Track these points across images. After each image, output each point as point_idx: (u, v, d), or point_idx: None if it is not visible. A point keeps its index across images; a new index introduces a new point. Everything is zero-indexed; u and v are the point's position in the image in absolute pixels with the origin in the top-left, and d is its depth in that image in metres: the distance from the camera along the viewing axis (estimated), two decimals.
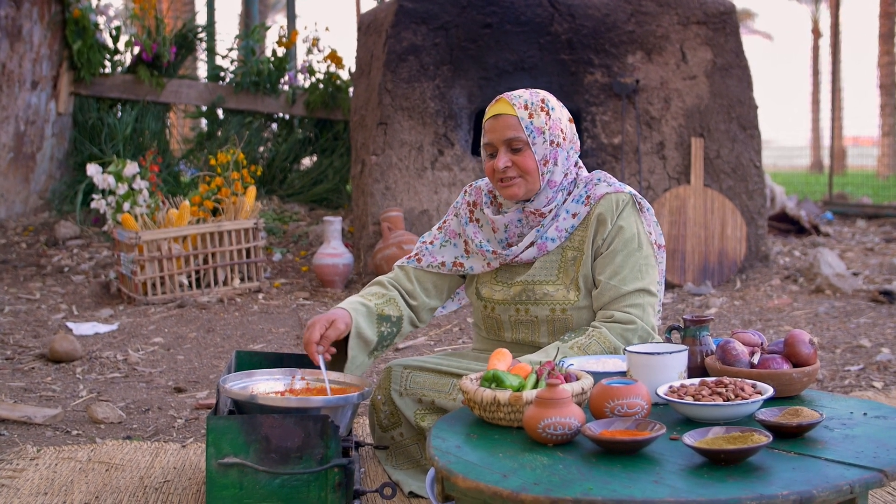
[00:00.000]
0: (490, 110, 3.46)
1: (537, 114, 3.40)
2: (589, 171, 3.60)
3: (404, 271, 3.70)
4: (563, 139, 3.46)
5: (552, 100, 3.48)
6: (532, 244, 3.48)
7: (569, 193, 3.51)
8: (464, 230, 3.65)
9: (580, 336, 3.35)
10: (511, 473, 2.34)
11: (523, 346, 3.54)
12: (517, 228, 3.52)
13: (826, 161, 15.70)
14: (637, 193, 3.52)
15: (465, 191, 3.73)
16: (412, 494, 3.50)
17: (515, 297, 3.50)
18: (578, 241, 3.47)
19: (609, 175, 3.56)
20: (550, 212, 3.47)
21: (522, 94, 3.44)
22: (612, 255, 3.42)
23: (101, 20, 10.20)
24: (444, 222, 3.74)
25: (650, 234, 3.51)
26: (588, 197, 3.48)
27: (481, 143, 3.51)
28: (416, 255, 3.72)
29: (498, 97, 3.47)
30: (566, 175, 3.50)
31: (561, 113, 3.48)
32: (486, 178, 3.66)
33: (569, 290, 3.45)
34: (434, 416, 3.50)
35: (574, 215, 3.47)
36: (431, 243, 3.71)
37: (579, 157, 3.58)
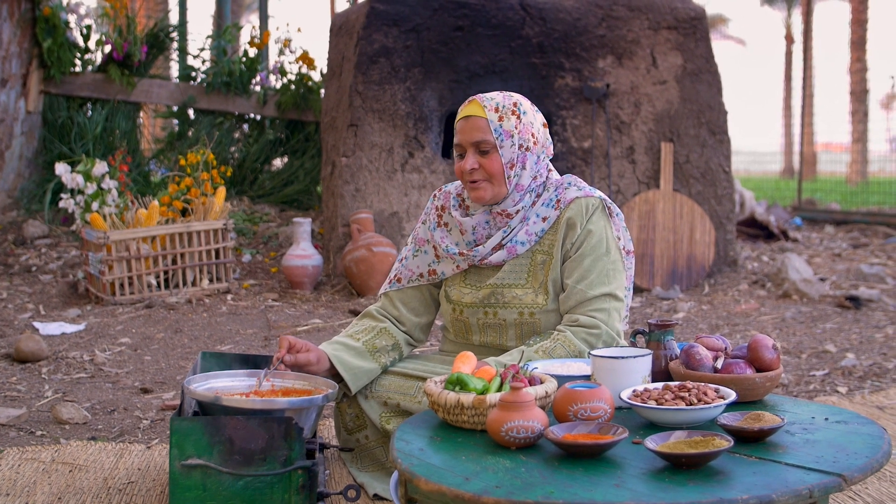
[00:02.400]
0: (462, 111, 3.48)
1: (507, 117, 3.41)
2: (560, 175, 3.61)
3: (388, 298, 3.72)
4: (534, 143, 3.47)
5: (525, 103, 3.49)
6: (500, 245, 3.49)
7: (538, 196, 3.52)
8: (432, 236, 3.65)
9: (545, 340, 3.36)
10: (473, 476, 2.35)
11: (491, 349, 3.55)
12: (484, 230, 3.53)
13: (797, 167, 15.77)
14: (607, 198, 3.54)
15: (434, 195, 3.74)
16: (377, 497, 3.50)
17: (484, 300, 3.50)
18: (548, 245, 3.48)
19: (579, 179, 3.57)
20: (517, 213, 3.48)
21: (495, 97, 3.45)
22: (580, 258, 3.42)
23: (71, 18, 10.14)
24: (415, 232, 3.76)
25: (619, 238, 3.52)
26: (558, 201, 3.49)
27: (453, 144, 3.52)
28: (396, 276, 3.73)
29: (471, 98, 3.49)
30: (535, 178, 3.50)
31: (533, 117, 3.49)
32: (456, 182, 3.69)
33: (537, 294, 3.46)
34: (399, 418, 3.50)
35: (544, 219, 3.48)
36: (405, 258, 3.73)
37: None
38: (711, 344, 3.09)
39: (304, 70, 10.32)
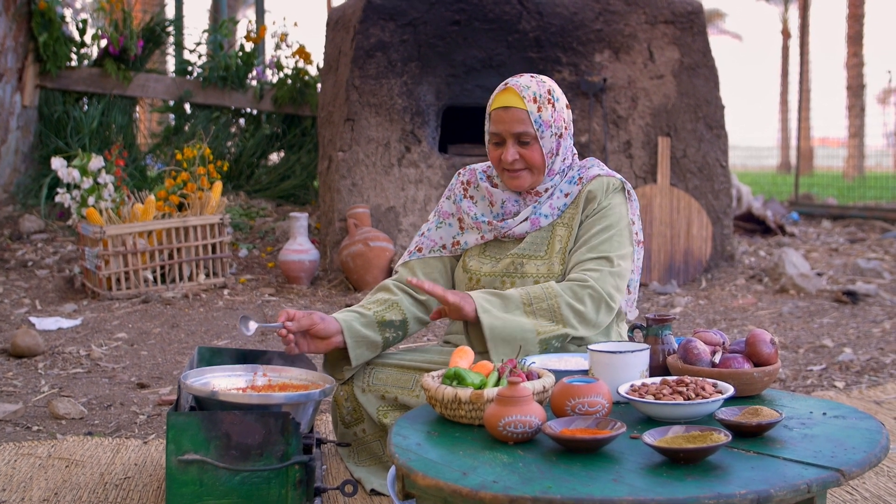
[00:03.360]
0: (498, 100, 3.47)
1: (545, 107, 3.45)
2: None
3: (408, 268, 3.70)
4: (565, 129, 3.54)
5: (556, 88, 3.53)
6: (526, 219, 3.52)
7: (564, 176, 3.58)
8: (458, 207, 3.69)
9: (534, 287, 3.39)
10: (471, 471, 2.34)
11: None
12: (513, 206, 3.58)
13: (794, 161, 15.79)
14: (627, 182, 3.61)
15: (459, 172, 3.78)
16: (374, 492, 3.49)
17: (503, 271, 3.53)
18: (569, 219, 3.54)
19: (602, 163, 3.66)
20: (547, 191, 3.53)
21: (531, 85, 3.46)
22: (588, 229, 3.49)
23: (67, 13, 10.13)
24: (439, 207, 3.77)
25: (633, 223, 3.58)
26: (580, 178, 3.56)
27: (486, 130, 3.54)
28: (417, 247, 3.73)
29: (505, 85, 3.48)
30: (564, 160, 3.57)
31: (563, 102, 3.55)
32: (479, 164, 3.72)
33: (554, 265, 3.48)
34: (397, 412, 3.50)
35: (566, 195, 3.55)
36: (427, 231, 3.73)
37: None
38: (709, 339, 3.08)
39: (301, 64, 10.31)
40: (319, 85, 9.78)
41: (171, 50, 11.51)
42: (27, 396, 4.99)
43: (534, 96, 3.43)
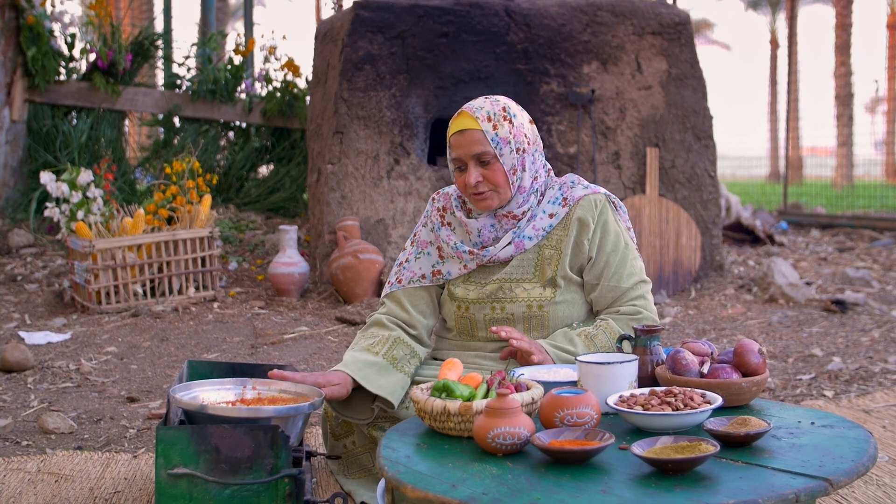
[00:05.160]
0: (454, 124, 3.49)
1: (501, 124, 3.44)
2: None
3: (394, 301, 3.67)
4: (528, 144, 3.52)
5: (512, 106, 3.52)
6: (509, 243, 3.52)
7: (541, 195, 3.58)
8: (437, 236, 3.66)
9: (587, 326, 3.46)
10: (460, 483, 2.34)
11: (496, 344, 3.56)
12: (491, 233, 3.56)
13: (783, 171, 15.83)
14: (611, 194, 3.63)
15: (433, 198, 3.75)
16: None
17: (491, 296, 3.53)
18: (556, 241, 3.54)
19: (580, 178, 3.67)
20: (524, 214, 3.53)
21: (483, 105, 3.46)
22: (604, 259, 3.52)
23: (56, 27, 10.13)
24: (415, 236, 3.75)
25: (629, 229, 3.65)
26: (565, 199, 3.56)
27: (448, 157, 3.54)
28: (397, 278, 3.70)
29: (460, 111, 3.50)
30: (535, 178, 3.56)
31: (522, 118, 3.53)
32: (451, 186, 3.72)
33: (545, 288, 3.50)
34: (386, 424, 3.50)
35: (551, 215, 3.54)
36: (407, 261, 3.71)
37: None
38: (697, 349, 3.09)
39: (290, 77, 10.32)
40: (308, 98, 9.79)
41: (159, 63, 11.52)
42: (16, 411, 4.98)
43: (487, 115, 3.43)
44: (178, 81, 10.75)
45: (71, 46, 10.28)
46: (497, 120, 3.43)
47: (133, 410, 5.02)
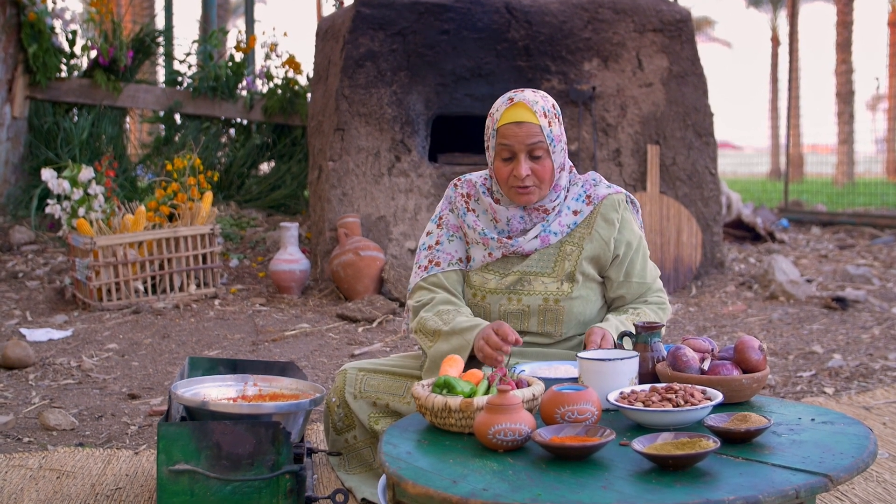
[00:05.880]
0: (508, 114, 3.44)
1: (554, 121, 3.47)
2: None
3: (436, 284, 3.60)
4: (566, 144, 3.56)
5: (556, 104, 3.55)
6: (537, 236, 3.54)
7: (566, 191, 3.60)
8: (462, 222, 3.64)
9: (625, 314, 3.54)
10: (461, 479, 2.35)
11: None
12: (520, 224, 3.56)
13: (784, 168, 15.84)
14: (629, 193, 3.69)
15: (455, 184, 3.71)
16: (365, 501, 3.49)
17: (509, 287, 3.53)
18: (578, 238, 3.56)
19: (601, 176, 3.77)
20: (554, 209, 3.55)
21: (538, 100, 3.46)
22: (629, 255, 3.60)
23: (57, 24, 10.12)
24: (440, 219, 3.70)
25: (642, 227, 3.73)
26: (588, 196, 3.60)
27: (493, 145, 3.49)
28: (432, 261, 3.64)
29: (513, 100, 3.45)
30: (567, 176, 3.61)
31: (561, 116, 3.56)
32: (477, 174, 3.69)
33: (563, 283, 3.51)
34: (388, 419, 3.50)
35: (575, 213, 3.57)
36: (438, 243, 3.65)
37: None
38: (698, 346, 3.09)
39: (291, 74, 10.32)
40: (309, 95, 9.79)
41: (160, 60, 11.51)
42: (18, 408, 4.99)
43: (543, 111, 3.44)
44: (180, 78, 10.75)
45: (72, 43, 10.28)
46: (551, 117, 3.46)
47: (134, 407, 5.02)
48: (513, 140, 3.43)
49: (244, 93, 10.43)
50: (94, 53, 10.19)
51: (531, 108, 3.42)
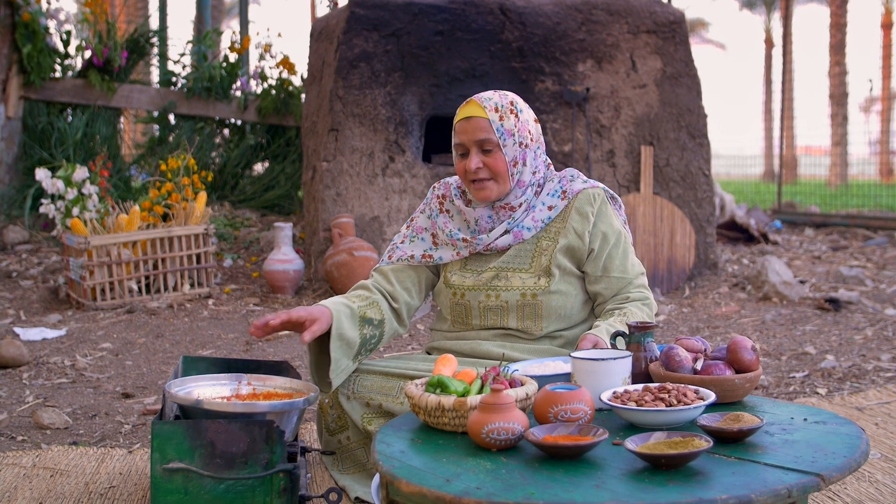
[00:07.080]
0: (461, 112, 3.56)
1: (507, 116, 3.51)
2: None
3: (381, 273, 3.74)
4: (531, 140, 3.59)
5: (520, 101, 3.60)
6: (506, 232, 3.58)
7: (540, 187, 3.65)
8: (433, 223, 3.74)
9: (613, 316, 3.52)
10: (454, 478, 2.35)
11: (491, 332, 3.60)
12: (487, 223, 3.63)
13: (778, 170, 15.85)
14: (608, 188, 3.71)
15: (434, 186, 3.83)
16: (358, 500, 3.50)
17: (486, 283, 3.59)
18: (554, 233, 3.60)
19: (580, 172, 3.75)
20: (521, 206, 3.59)
21: (492, 97, 3.54)
22: (607, 252, 3.61)
23: (51, 24, 10.12)
24: (412, 220, 3.83)
25: (625, 223, 3.74)
26: (564, 192, 3.63)
27: (452, 144, 3.60)
28: (388, 254, 3.78)
29: (468, 99, 3.58)
30: (534, 174, 3.63)
31: (528, 115, 3.61)
32: (453, 177, 3.78)
33: (540, 277, 3.55)
34: (381, 419, 3.51)
35: (550, 207, 3.61)
36: (402, 242, 3.78)
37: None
38: (691, 346, 3.10)
39: (285, 75, 10.32)
40: (303, 95, 9.80)
41: (155, 61, 11.52)
42: (12, 406, 4.99)
43: (495, 106, 3.51)
44: (174, 79, 10.75)
45: (66, 43, 10.28)
46: (504, 112, 3.51)
47: (128, 406, 5.02)
48: (462, 136, 3.54)
49: (238, 93, 10.44)
50: (88, 54, 10.19)
51: (481, 104, 3.52)
